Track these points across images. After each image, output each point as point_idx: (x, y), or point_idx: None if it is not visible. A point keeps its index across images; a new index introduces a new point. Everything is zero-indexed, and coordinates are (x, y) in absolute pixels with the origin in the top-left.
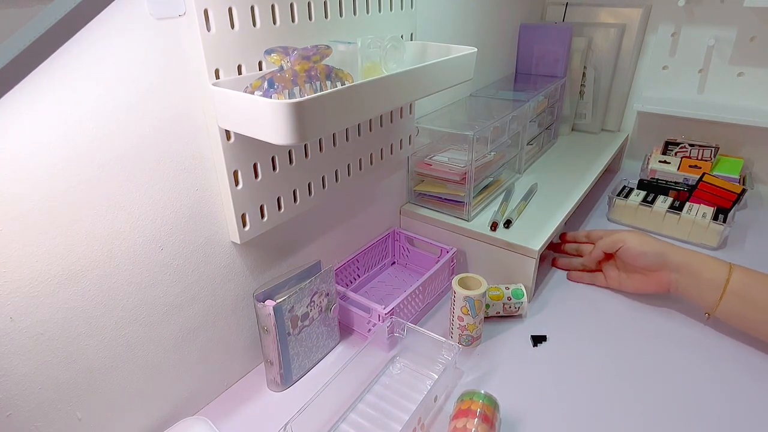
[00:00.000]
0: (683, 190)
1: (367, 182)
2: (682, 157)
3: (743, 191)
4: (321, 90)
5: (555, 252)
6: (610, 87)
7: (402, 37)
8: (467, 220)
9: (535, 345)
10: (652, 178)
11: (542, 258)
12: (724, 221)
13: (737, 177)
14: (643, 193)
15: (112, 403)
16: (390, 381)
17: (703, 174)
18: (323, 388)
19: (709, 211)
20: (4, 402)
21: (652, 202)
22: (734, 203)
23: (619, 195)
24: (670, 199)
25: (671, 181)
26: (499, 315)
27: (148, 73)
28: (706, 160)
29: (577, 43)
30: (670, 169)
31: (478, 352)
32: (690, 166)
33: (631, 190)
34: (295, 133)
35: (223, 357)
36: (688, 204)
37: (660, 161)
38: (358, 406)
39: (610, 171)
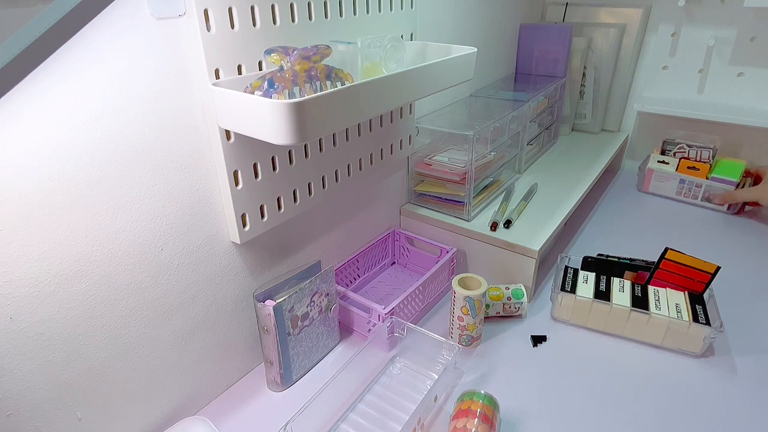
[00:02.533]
0: (642, 270)
1: (367, 182)
2: (680, 158)
3: (717, 269)
4: (321, 90)
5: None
6: (610, 87)
7: (402, 37)
8: (467, 220)
9: (535, 345)
10: (599, 255)
11: None
12: (705, 315)
13: (737, 180)
14: (593, 279)
15: (112, 403)
16: (390, 381)
17: (666, 249)
18: (323, 388)
19: (682, 300)
20: (4, 402)
21: (607, 291)
22: (707, 285)
23: (563, 287)
24: (628, 284)
25: (625, 258)
26: (499, 315)
27: (148, 72)
28: (704, 162)
29: (577, 43)
30: (668, 169)
31: (478, 352)
32: (689, 168)
33: (576, 272)
34: (295, 133)
35: (223, 357)
36: (652, 290)
37: (659, 161)
38: (358, 406)
39: (610, 171)
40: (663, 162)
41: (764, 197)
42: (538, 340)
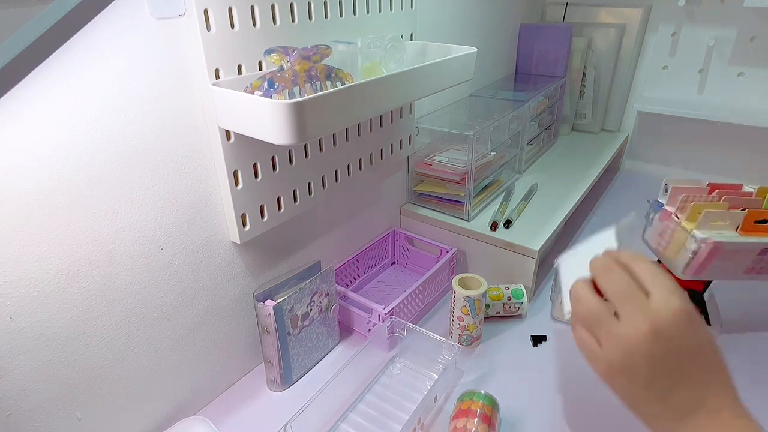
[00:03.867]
0: None
1: (367, 182)
2: (744, 208)
3: None
4: (321, 90)
5: None
6: (610, 87)
7: (402, 37)
8: (467, 220)
9: (535, 345)
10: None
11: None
12: (705, 315)
13: None
14: None
15: (112, 403)
16: (390, 381)
17: None
18: (323, 388)
19: None
20: (4, 402)
21: None
22: (707, 284)
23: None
24: None
25: None
26: (499, 315)
27: (148, 73)
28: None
29: (577, 43)
30: (730, 232)
31: (478, 352)
32: (757, 222)
33: None
34: (295, 133)
35: (223, 357)
36: None
37: (715, 222)
38: (358, 406)
39: (610, 171)
40: (719, 221)
41: None
42: (538, 340)
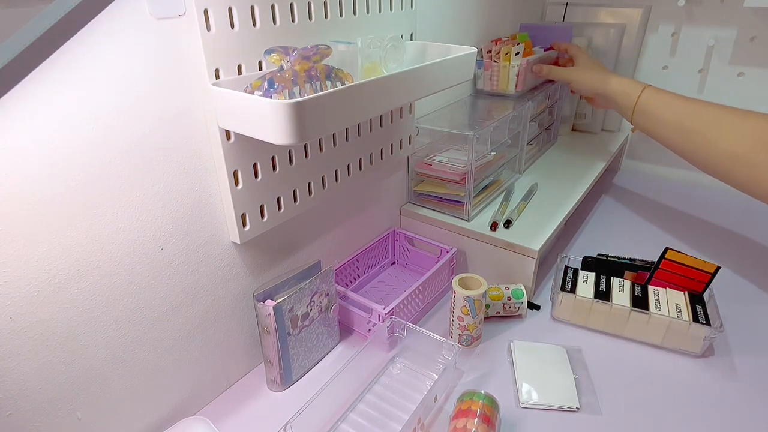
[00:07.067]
0: (642, 270)
1: (367, 182)
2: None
3: (717, 269)
4: (321, 90)
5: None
6: None
7: (402, 37)
8: (467, 220)
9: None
10: (599, 255)
11: None
12: (705, 315)
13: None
14: (593, 279)
15: (112, 403)
16: (390, 381)
17: (666, 249)
18: (323, 388)
19: (682, 300)
20: (4, 402)
21: (607, 291)
22: (707, 285)
23: (563, 287)
24: (628, 284)
25: (625, 258)
26: (499, 315)
27: (148, 73)
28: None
29: (577, 43)
30: (518, 61)
31: (478, 352)
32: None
33: (576, 272)
34: (296, 133)
35: (223, 357)
36: (652, 290)
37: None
38: (358, 406)
39: (610, 171)
40: (514, 56)
41: (577, 79)
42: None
